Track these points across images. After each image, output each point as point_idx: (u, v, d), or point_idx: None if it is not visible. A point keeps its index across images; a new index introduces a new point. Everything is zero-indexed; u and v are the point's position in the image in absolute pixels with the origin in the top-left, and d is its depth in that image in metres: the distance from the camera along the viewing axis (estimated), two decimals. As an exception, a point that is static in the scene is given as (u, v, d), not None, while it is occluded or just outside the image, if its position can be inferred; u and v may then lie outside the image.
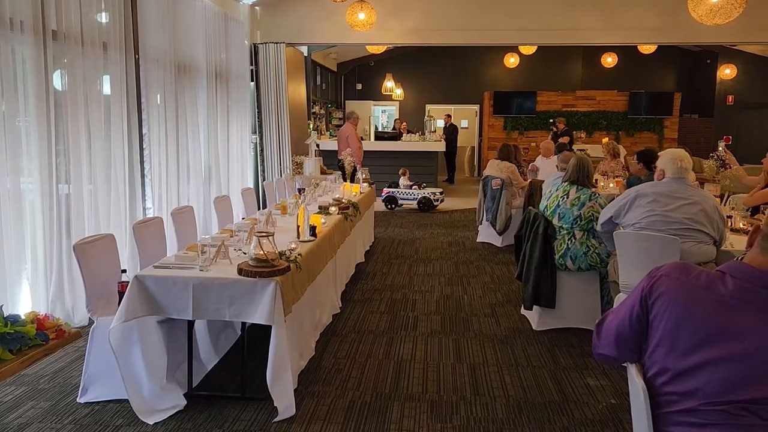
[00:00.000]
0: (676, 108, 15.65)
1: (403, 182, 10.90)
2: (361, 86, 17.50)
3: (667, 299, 1.58)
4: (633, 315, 1.66)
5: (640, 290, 1.66)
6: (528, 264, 4.61)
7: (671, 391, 1.53)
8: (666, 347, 1.55)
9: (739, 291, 1.52)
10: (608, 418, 3.25)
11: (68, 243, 4.49)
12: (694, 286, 1.56)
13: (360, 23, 8.07)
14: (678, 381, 1.52)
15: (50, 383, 3.58)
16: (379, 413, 3.27)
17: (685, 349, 1.51)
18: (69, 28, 4.58)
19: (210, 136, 7.19)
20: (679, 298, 1.56)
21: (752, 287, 1.51)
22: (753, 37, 9.50)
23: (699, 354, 1.49)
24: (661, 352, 1.56)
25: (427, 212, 10.57)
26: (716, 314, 1.50)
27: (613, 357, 1.75)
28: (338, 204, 5.39)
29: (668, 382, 1.54)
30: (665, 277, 1.62)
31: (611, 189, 6.95)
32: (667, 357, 1.54)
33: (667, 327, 1.56)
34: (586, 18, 9.14)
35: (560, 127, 12.64)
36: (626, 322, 1.68)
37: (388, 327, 4.65)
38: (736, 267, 1.57)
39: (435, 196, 10.69)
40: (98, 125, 4.97)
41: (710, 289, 1.55)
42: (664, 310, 1.57)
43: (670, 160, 3.87)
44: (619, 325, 1.70)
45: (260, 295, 3.10)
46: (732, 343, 1.46)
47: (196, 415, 3.21)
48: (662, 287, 1.61)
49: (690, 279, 1.59)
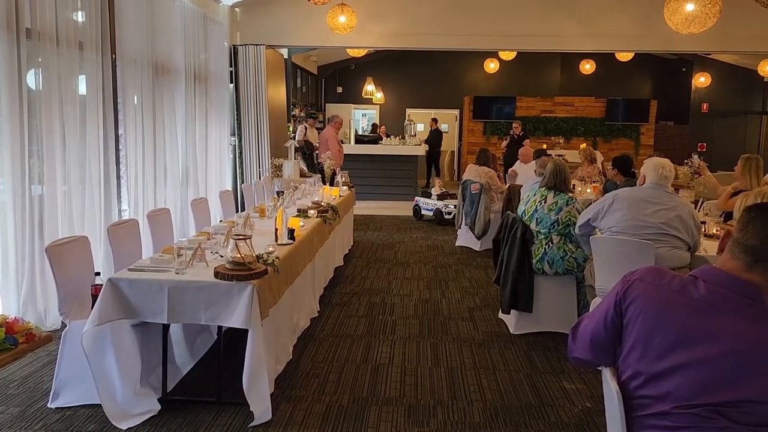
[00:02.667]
0: (652, 115, 15.90)
1: (435, 191, 10.01)
2: (342, 89, 17.48)
3: (641, 303, 1.59)
4: (607, 319, 1.68)
5: (615, 294, 1.68)
6: (506, 268, 4.64)
7: (644, 394, 1.55)
8: (639, 351, 1.56)
9: (711, 295, 1.54)
10: (583, 421, 3.28)
11: (41, 245, 4.40)
12: (667, 291, 1.58)
13: (340, 26, 8.06)
14: (651, 384, 1.54)
15: (20, 388, 3.50)
16: (356, 418, 3.26)
17: (658, 353, 1.53)
18: (44, 26, 4.51)
19: (188, 137, 7.12)
20: (652, 302, 1.58)
21: (724, 291, 1.53)
22: (727, 46, 9.69)
23: (671, 358, 1.51)
24: (634, 355, 1.58)
25: (440, 224, 9.61)
26: (688, 318, 1.52)
27: (588, 360, 1.77)
28: (317, 207, 5.37)
29: (641, 385, 1.56)
30: (639, 281, 1.64)
31: (588, 194, 7.03)
32: (641, 360, 1.56)
33: (641, 331, 1.57)
34: (565, 25, 9.25)
35: (517, 131, 12.39)
36: (601, 325, 1.69)
37: (366, 331, 4.64)
38: (708, 272, 1.60)
39: (447, 209, 9.59)
40: (73, 126, 4.89)
41: (683, 293, 1.56)
42: (638, 314, 1.59)
43: (653, 167, 3.93)
44: (594, 329, 1.72)
45: (237, 299, 3.07)
46: (704, 347, 1.48)
47: (170, 420, 3.16)
48: (636, 291, 1.62)
49: (663, 283, 1.60)
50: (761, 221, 1.55)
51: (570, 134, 16.01)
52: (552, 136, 15.79)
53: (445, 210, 9.58)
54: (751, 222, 1.56)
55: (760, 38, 9.12)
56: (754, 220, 1.56)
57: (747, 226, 1.57)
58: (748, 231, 1.56)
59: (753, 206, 1.63)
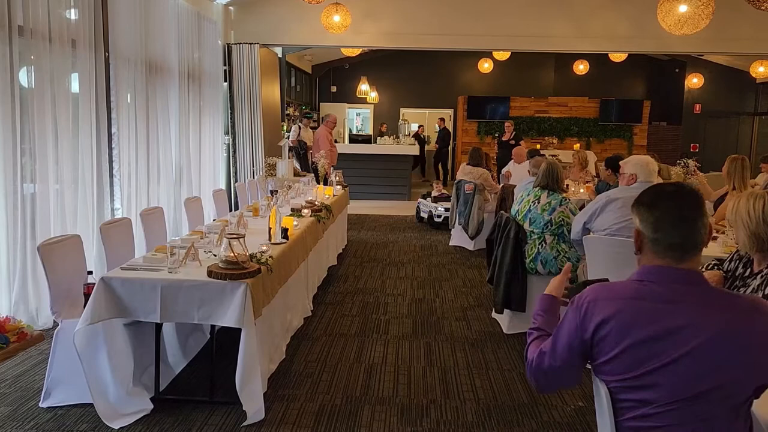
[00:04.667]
0: (645, 115, 15.95)
1: (434, 194, 9.74)
2: (336, 89, 17.46)
3: (605, 323, 1.55)
4: (573, 354, 1.62)
5: (574, 327, 1.61)
6: (499, 268, 4.65)
7: (626, 398, 1.56)
8: (614, 365, 1.55)
9: (663, 293, 1.54)
10: (576, 420, 3.29)
11: (33, 243, 4.38)
12: (623, 301, 1.56)
13: (335, 25, 8.06)
14: (630, 391, 1.54)
15: (11, 387, 3.49)
16: (349, 417, 3.26)
17: (631, 365, 1.53)
18: (36, 23, 4.48)
19: (181, 136, 7.10)
20: (614, 319, 1.54)
21: (673, 286, 1.55)
22: (719, 48, 9.75)
23: (645, 366, 1.51)
24: (609, 369, 1.57)
25: (433, 227, 9.36)
26: (652, 323, 1.51)
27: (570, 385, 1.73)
28: (311, 206, 5.36)
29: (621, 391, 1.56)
30: (593, 303, 1.59)
31: (582, 194, 7.05)
32: (617, 374, 1.55)
33: (612, 349, 1.55)
34: (559, 25, 9.27)
35: (508, 133, 11.78)
36: (566, 361, 1.64)
37: (359, 330, 4.64)
38: (648, 271, 1.60)
39: (437, 211, 9.32)
40: (66, 124, 4.86)
41: (638, 298, 1.55)
42: (606, 335, 1.55)
43: (641, 164, 3.91)
44: (562, 365, 1.65)
45: (230, 298, 3.06)
46: (674, 347, 1.49)
47: (163, 419, 3.15)
48: (596, 313, 1.57)
49: (615, 295, 1.58)
50: (670, 218, 1.57)
51: (564, 134, 16.04)
52: (546, 137, 15.82)
53: (435, 213, 9.36)
54: (661, 222, 1.58)
55: (753, 39, 9.17)
56: (663, 218, 1.58)
57: (659, 227, 1.58)
58: (663, 231, 1.58)
59: (651, 201, 1.62)
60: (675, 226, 1.57)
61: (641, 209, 1.64)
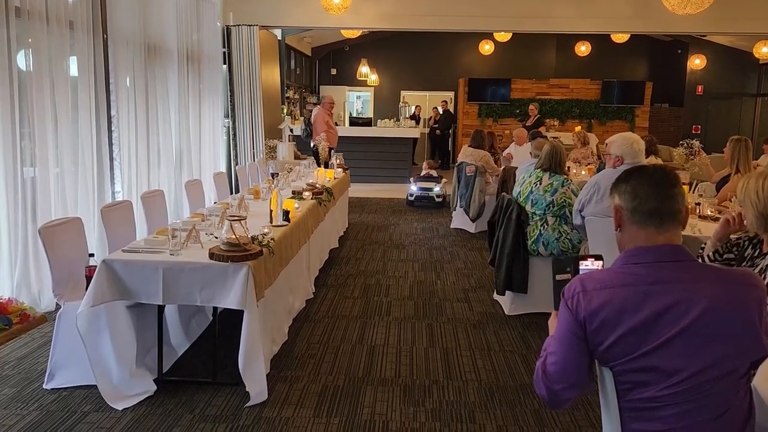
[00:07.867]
0: (647, 97, 15.85)
1: (424, 173, 9.91)
2: (336, 71, 17.36)
3: (597, 314, 1.53)
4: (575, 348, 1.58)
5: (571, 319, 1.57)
6: (501, 250, 4.64)
7: (627, 380, 1.55)
8: (611, 353, 1.54)
9: (650, 274, 1.54)
10: (578, 400, 3.30)
11: (34, 227, 4.38)
12: (610, 290, 1.54)
13: (335, 7, 7.98)
14: (630, 374, 1.54)
15: (15, 369, 3.50)
16: (351, 397, 3.28)
17: (630, 351, 1.52)
18: (33, 5, 4.43)
19: (181, 119, 7.06)
20: (606, 309, 1.53)
21: (658, 265, 1.55)
22: (723, 28, 9.65)
23: (641, 348, 1.50)
24: (607, 357, 1.56)
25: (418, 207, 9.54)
26: (643, 306, 1.50)
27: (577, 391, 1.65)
28: (312, 189, 5.35)
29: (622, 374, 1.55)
30: (583, 294, 1.56)
31: (584, 176, 7.02)
32: (616, 359, 1.54)
33: (607, 338, 1.54)
34: (560, 6, 9.17)
35: (534, 113, 12.40)
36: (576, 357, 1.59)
37: (361, 312, 4.65)
38: (632, 254, 1.59)
39: (410, 190, 9.65)
40: (65, 107, 4.83)
41: (627, 283, 1.54)
42: (598, 327, 1.53)
43: (625, 144, 3.84)
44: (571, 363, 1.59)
45: (232, 280, 3.07)
46: (668, 327, 1.49)
47: (166, 400, 3.17)
48: (587, 305, 1.54)
49: (603, 285, 1.55)
50: (646, 183, 1.60)
51: (565, 116, 15.96)
52: (547, 119, 15.74)
53: (409, 192, 9.70)
54: (638, 188, 1.61)
55: (756, 19, 9.08)
56: (639, 185, 1.61)
57: (637, 193, 1.61)
58: (641, 197, 1.60)
59: (626, 175, 1.66)
60: (651, 191, 1.59)
61: (618, 185, 1.67)
